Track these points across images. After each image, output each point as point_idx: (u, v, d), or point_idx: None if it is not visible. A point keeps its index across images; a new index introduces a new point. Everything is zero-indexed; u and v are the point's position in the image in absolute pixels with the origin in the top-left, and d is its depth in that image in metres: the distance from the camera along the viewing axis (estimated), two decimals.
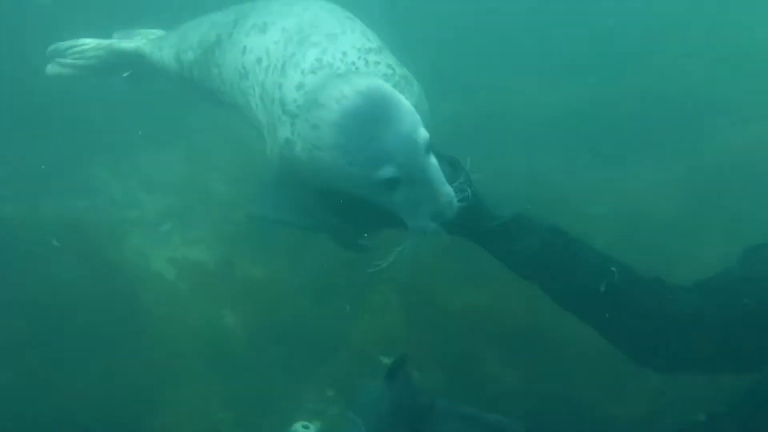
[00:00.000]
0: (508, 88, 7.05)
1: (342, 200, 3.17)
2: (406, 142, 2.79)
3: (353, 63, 3.39)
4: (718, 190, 5.31)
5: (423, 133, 2.86)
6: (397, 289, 4.44)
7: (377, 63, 3.46)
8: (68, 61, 4.94)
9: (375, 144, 2.78)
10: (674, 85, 6.56)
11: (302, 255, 4.97)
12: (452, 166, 3.13)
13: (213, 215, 5.72)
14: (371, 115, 2.81)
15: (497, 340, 4.21)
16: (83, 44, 4.96)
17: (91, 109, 6.62)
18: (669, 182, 5.59)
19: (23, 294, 4.56)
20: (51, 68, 4.92)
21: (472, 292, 4.41)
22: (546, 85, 7.11)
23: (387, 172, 2.78)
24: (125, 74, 5.03)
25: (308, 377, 4.26)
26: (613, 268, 3.16)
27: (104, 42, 5.01)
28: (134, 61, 5.00)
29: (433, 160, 2.90)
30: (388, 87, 2.99)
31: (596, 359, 3.79)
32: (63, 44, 4.87)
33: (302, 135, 3.09)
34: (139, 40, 5.04)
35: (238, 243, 5.28)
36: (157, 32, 5.14)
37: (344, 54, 3.41)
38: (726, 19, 7.44)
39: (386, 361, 3.22)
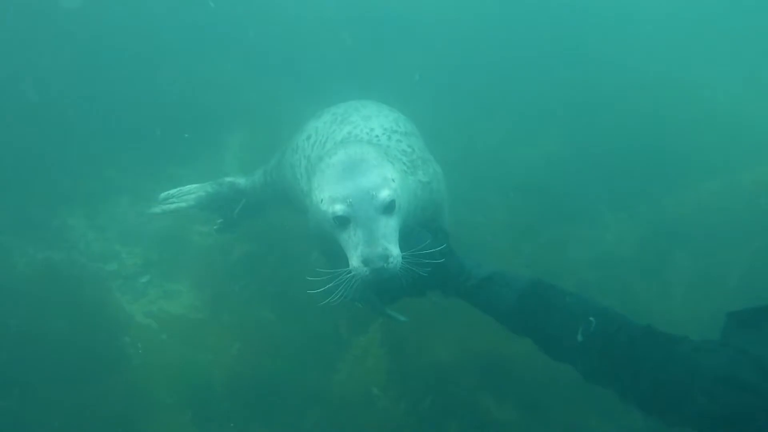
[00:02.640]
0: (481, 140, 7.20)
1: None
2: (362, 192, 3.27)
3: (377, 136, 3.90)
4: (681, 238, 5.45)
5: (384, 194, 3.29)
6: (381, 339, 4.49)
7: (399, 141, 3.94)
8: (174, 204, 5.23)
9: (337, 187, 3.31)
10: (642, 137, 6.76)
11: (283, 306, 5.01)
12: (434, 236, 3.51)
13: (192, 267, 5.71)
14: (345, 168, 3.36)
15: (485, 383, 4.26)
16: (188, 189, 5.28)
17: (71, 157, 6.63)
18: (635, 230, 5.73)
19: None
20: (157, 208, 5.17)
21: (459, 339, 4.46)
22: (516, 137, 7.28)
23: (339, 210, 3.25)
24: (226, 216, 5.34)
25: (288, 429, 4.25)
26: (591, 318, 3.24)
27: (205, 184, 5.31)
28: (233, 197, 5.29)
29: (389, 220, 3.30)
30: (373, 154, 3.46)
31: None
32: (171, 191, 5.22)
33: (310, 178, 3.67)
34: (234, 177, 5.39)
35: (218, 294, 5.29)
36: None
37: (371, 129, 3.98)
38: (690, 77, 7.74)
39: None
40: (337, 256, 3.46)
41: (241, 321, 4.98)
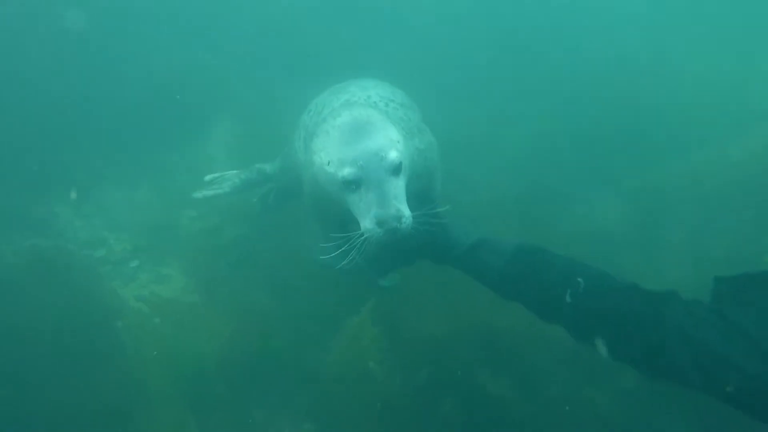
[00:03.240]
0: (468, 120, 7.20)
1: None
2: (371, 154, 3.27)
3: (375, 102, 3.92)
4: (668, 212, 5.49)
5: (393, 155, 3.29)
6: (376, 315, 4.48)
7: (396, 109, 3.97)
8: (213, 191, 5.31)
9: (346, 149, 3.30)
10: (628, 114, 6.80)
11: (274, 288, 5.00)
12: (420, 200, 3.53)
13: (182, 251, 5.68)
14: (352, 130, 3.35)
15: (480, 356, 4.27)
16: (228, 175, 5.36)
17: (60, 146, 6.56)
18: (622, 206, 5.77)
19: None
20: (199, 194, 5.26)
21: (453, 314, 4.48)
22: (503, 117, 7.29)
23: (348, 173, 3.25)
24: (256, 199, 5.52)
25: (284, 410, 4.26)
26: (579, 279, 3.27)
27: (240, 171, 5.39)
28: (262, 182, 5.39)
29: (398, 180, 3.31)
30: (377, 116, 3.46)
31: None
32: (213, 175, 5.34)
33: (307, 145, 3.69)
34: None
35: (209, 277, 5.27)
36: None
37: (369, 96, 4.02)
38: (676, 53, 7.77)
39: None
40: (338, 226, 3.47)
41: (233, 303, 4.94)
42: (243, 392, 4.34)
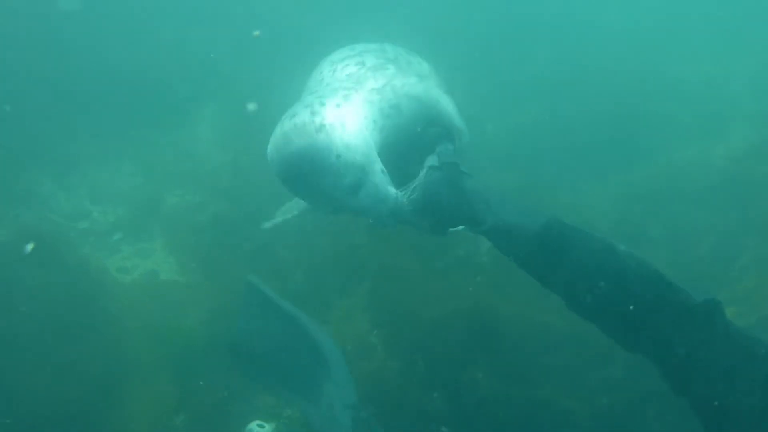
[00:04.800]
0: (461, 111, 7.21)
1: None
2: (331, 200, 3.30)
3: (322, 80, 3.79)
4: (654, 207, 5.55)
5: (345, 184, 3.25)
6: (365, 297, 4.50)
7: (345, 66, 3.78)
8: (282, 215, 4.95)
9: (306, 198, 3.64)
10: (616, 112, 6.87)
11: (260, 264, 4.98)
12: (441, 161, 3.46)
13: (165, 225, 5.66)
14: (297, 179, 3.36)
15: (472, 344, 4.25)
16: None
17: (45, 122, 6.50)
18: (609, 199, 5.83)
19: None
20: (268, 224, 4.88)
21: (445, 300, 4.47)
22: (494, 109, 7.33)
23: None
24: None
25: (264, 380, 4.23)
26: (601, 283, 3.14)
27: None
28: None
29: (366, 185, 3.27)
30: (310, 149, 3.25)
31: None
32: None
33: None
34: None
35: (193, 251, 5.25)
36: None
37: (320, 72, 3.88)
38: (663, 56, 7.89)
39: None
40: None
41: (218, 278, 4.93)
42: (228, 366, 4.30)
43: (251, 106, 5.66)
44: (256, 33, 6.99)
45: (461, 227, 3.42)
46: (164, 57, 7.29)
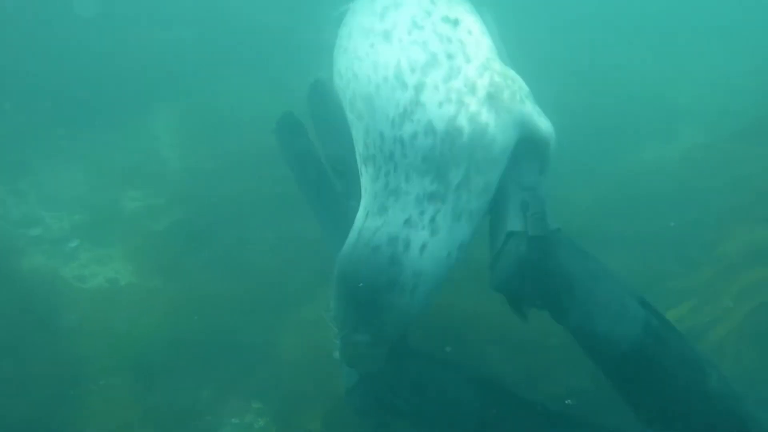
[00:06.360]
0: None
1: None
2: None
3: None
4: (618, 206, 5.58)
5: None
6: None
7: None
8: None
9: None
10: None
11: (227, 270, 4.86)
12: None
13: (123, 231, 5.47)
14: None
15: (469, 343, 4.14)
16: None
17: None
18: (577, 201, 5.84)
19: None
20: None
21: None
22: None
23: None
24: None
25: (232, 389, 4.13)
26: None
27: None
28: None
29: None
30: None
31: None
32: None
33: None
34: None
35: (154, 257, 5.09)
36: None
37: None
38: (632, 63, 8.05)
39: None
40: None
41: (181, 284, 4.79)
42: (189, 371, 4.18)
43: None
44: None
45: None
46: (121, 56, 7.06)
